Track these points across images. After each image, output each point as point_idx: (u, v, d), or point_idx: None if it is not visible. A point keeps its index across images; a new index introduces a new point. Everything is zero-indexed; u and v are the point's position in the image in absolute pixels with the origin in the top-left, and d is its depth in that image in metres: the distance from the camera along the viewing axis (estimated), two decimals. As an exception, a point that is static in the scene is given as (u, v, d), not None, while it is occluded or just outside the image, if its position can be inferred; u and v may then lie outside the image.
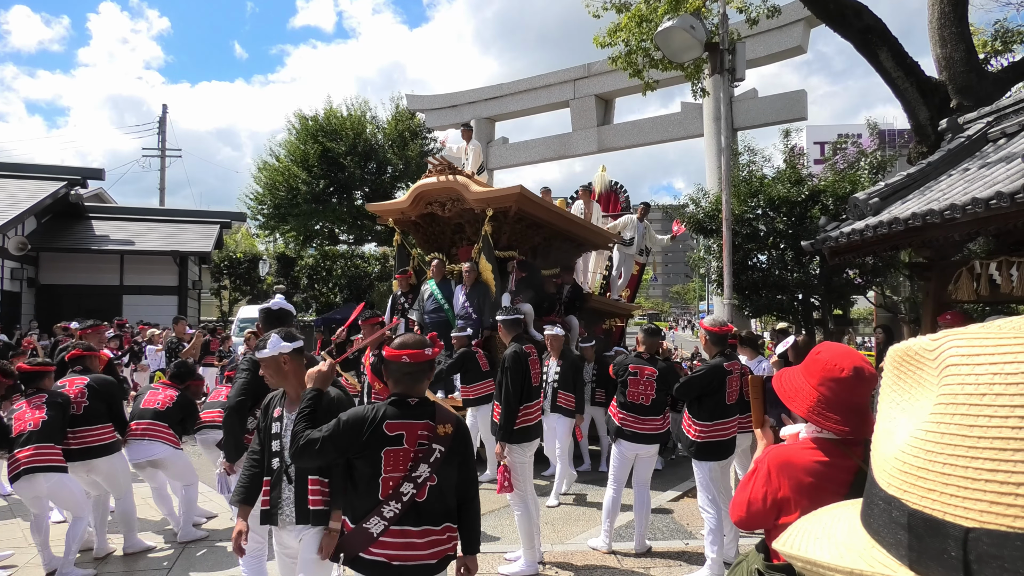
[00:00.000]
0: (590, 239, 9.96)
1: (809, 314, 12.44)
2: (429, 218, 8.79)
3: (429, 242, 9.20)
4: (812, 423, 1.90)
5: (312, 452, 2.45)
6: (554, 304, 8.68)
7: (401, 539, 2.42)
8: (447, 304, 8.20)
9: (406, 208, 8.69)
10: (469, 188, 7.98)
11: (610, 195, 12.77)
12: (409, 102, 27.83)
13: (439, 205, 8.43)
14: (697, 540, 5.57)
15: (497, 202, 7.82)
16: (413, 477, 2.43)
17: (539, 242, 9.02)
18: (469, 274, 7.91)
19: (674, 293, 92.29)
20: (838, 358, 1.89)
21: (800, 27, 20.91)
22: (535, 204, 8.25)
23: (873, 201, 6.69)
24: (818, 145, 26.83)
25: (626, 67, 10.62)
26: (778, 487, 1.87)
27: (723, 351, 4.98)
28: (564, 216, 9.05)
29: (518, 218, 8.14)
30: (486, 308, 7.71)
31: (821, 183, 11.95)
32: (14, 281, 16.73)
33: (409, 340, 2.60)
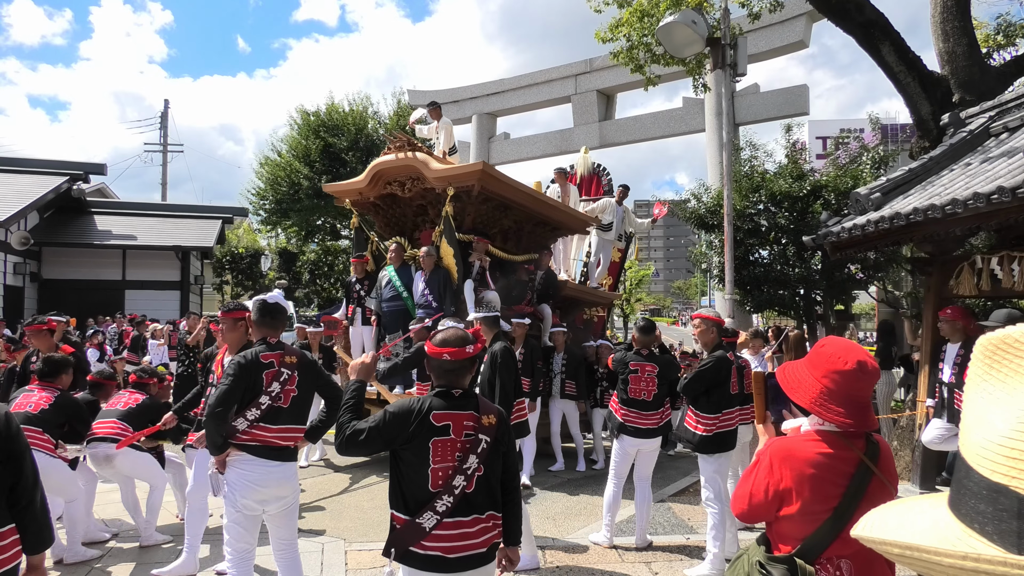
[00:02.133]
0: (566, 223, 9.38)
1: (811, 309, 12.43)
2: (390, 199, 8.27)
3: (390, 225, 8.67)
4: (815, 414, 1.93)
5: (358, 442, 2.49)
6: (524, 292, 8.20)
7: (455, 531, 2.44)
8: (406, 292, 7.68)
9: (364, 188, 8.12)
10: (429, 166, 7.42)
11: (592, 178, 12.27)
12: (411, 97, 27.80)
13: (398, 184, 7.90)
14: (698, 535, 5.59)
15: (458, 180, 7.27)
16: (463, 469, 2.46)
17: (509, 225, 8.50)
18: (427, 259, 7.36)
19: (676, 288, 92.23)
20: (842, 351, 1.93)
21: (802, 21, 20.84)
22: (500, 183, 7.68)
23: (875, 196, 6.68)
24: (820, 140, 26.76)
25: (627, 62, 10.61)
26: (780, 478, 1.89)
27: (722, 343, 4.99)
28: (534, 197, 8.50)
29: (483, 198, 7.59)
30: (447, 296, 7.24)
31: (823, 178, 11.93)
32: (17, 276, 16.76)
33: (451, 337, 2.62)
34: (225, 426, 3.37)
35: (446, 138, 9.57)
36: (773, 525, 1.97)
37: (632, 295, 39.62)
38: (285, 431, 3.51)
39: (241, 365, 3.42)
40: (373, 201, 8.29)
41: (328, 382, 3.89)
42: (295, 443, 3.59)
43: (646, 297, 62.08)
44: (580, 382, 7.92)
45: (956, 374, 5.61)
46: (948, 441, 5.78)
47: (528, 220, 8.63)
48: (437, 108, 9.95)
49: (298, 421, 3.59)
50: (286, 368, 3.53)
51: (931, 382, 6.29)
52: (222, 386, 3.41)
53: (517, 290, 8.10)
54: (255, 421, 3.41)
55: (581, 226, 9.78)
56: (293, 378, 3.55)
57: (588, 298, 10.23)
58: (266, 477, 3.44)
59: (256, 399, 3.43)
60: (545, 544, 5.21)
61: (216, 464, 3.48)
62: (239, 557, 3.46)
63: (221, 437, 3.39)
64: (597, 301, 10.68)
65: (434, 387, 2.61)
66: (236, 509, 3.42)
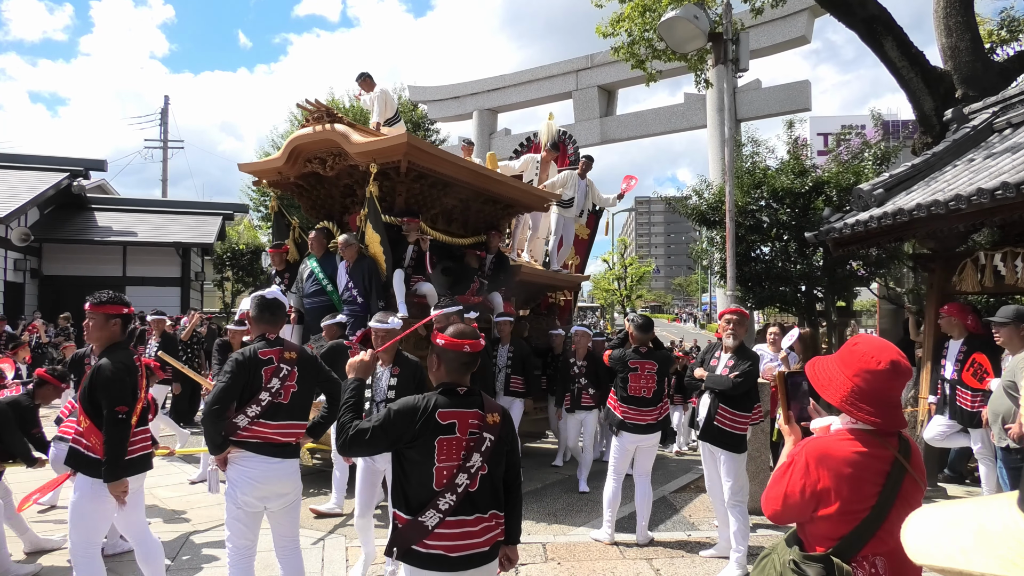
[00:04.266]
0: (520, 199, 8.29)
1: (812, 306, 12.41)
2: (314, 179, 7.34)
3: (317, 208, 7.75)
4: (845, 413, 1.92)
5: (363, 442, 2.44)
6: (470, 280, 7.32)
7: (457, 529, 2.41)
8: (330, 285, 6.77)
9: (283, 167, 7.19)
10: (350, 138, 6.49)
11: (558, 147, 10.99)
12: (412, 94, 27.76)
13: (319, 162, 6.98)
14: (699, 531, 5.58)
15: (381, 155, 6.36)
16: (467, 467, 2.43)
17: (453, 205, 7.59)
18: (348, 248, 6.43)
19: (676, 285, 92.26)
20: (875, 350, 1.92)
21: (804, 17, 20.82)
22: (432, 157, 6.72)
23: (877, 192, 6.65)
24: (822, 136, 26.71)
25: (628, 58, 10.58)
26: (817, 479, 1.87)
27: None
28: (478, 172, 7.44)
29: (416, 175, 6.73)
30: (373, 290, 6.33)
31: (825, 174, 11.89)
32: (17, 272, 16.76)
33: (467, 330, 2.58)
34: (223, 424, 3.35)
35: (380, 109, 8.86)
36: (807, 525, 1.95)
37: (633, 292, 39.62)
38: (286, 427, 3.49)
39: (238, 362, 3.41)
40: (295, 181, 7.41)
41: (329, 378, 3.85)
42: (296, 439, 3.58)
43: (647, 294, 62.08)
44: (529, 377, 7.24)
45: (958, 371, 5.59)
46: (950, 438, 5.77)
47: (475, 198, 7.70)
48: (367, 79, 9.20)
49: (299, 417, 3.57)
50: (286, 364, 3.52)
51: (933, 379, 6.27)
52: (220, 384, 3.39)
53: (462, 278, 7.31)
54: (256, 418, 3.40)
55: (538, 202, 8.68)
56: (293, 374, 3.54)
57: (548, 282, 9.36)
58: (267, 474, 3.42)
59: (256, 396, 3.41)
60: (546, 541, 5.20)
61: (217, 462, 3.47)
62: (240, 554, 3.45)
63: (220, 436, 3.37)
64: (559, 285, 9.80)
65: (439, 384, 2.56)
66: (237, 506, 3.41)
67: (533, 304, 9.40)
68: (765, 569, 1.99)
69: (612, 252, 39.16)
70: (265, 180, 7.53)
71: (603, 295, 44.66)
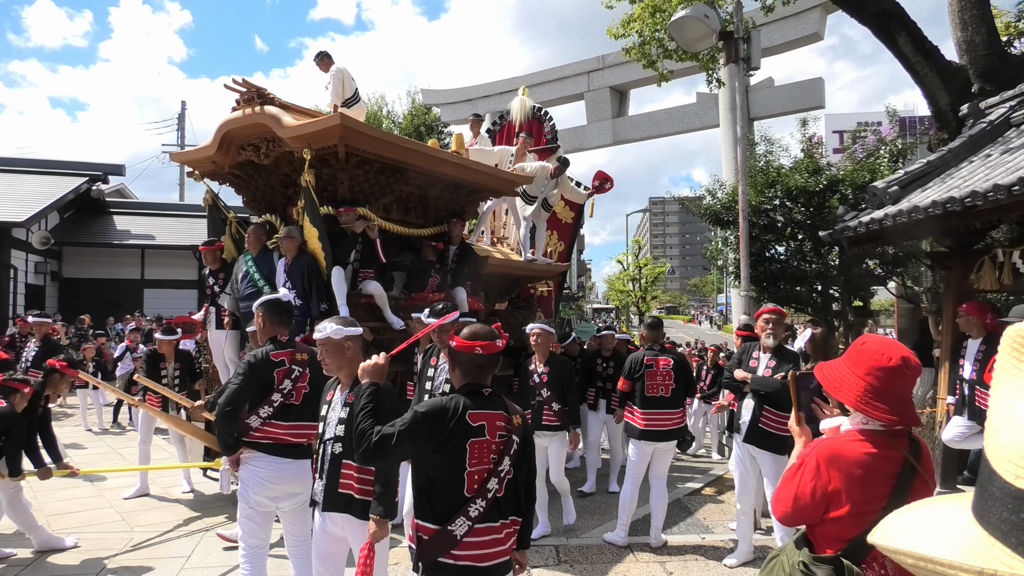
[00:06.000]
0: (486, 184, 7.51)
1: (828, 306, 12.30)
2: (252, 169, 6.65)
3: (257, 201, 7.06)
4: (860, 413, 1.91)
5: (387, 448, 2.29)
6: (427, 276, 6.61)
7: (486, 536, 2.31)
8: (267, 285, 6.03)
9: (215, 155, 6.51)
10: (281, 122, 5.80)
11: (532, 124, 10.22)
12: (424, 96, 27.86)
13: (253, 149, 6.30)
14: (714, 534, 5.55)
15: (316, 139, 5.69)
16: (497, 471, 2.34)
17: (410, 192, 6.89)
18: (287, 242, 5.82)
19: (692, 286, 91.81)
20: (885, 348, 1.92)
21: (816, 13, 20.66)
22: (373, 140, 5.96)
23: (892, 189, 6.58)
24: (837, 134, 26.47)
25: (640, 58, 10.55)
26: (828, 480, 1.86)
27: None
28: (431, 155, 6.66)
29: (359, 161, 6.06)
30: (314, 291, 5.67)
31: (840, 172, 11.79)
32: (38, 275, 17.00)
33: (481, 331, 2.49)
34: (235, 425, 3.39)
35: (336, 89, 8.17)
36: (817, 527, 1.94)
37: (648, 293, 39.48)
38: (297, 428, 3.53)
39: (251, 364, 3.44)
40: (231, 171, 6.77)
41: None
42: (308, 440, 3.61)
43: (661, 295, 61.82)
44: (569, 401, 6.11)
45: (977, 370, 5.51)
46: (969, 439, 5.68)
47: (433, 184, 6.97)
48: (324, 58, 8.46)
49: (310, 418, 3.59)
50: (297, 365, 3.55)
51: (951, 379, 6.19)
52: (232, 385, 3.43)
53: (418, 274, 6.65)
54: (268, 419, 3.44)
55: (508, 187, 7.89)
56: (305, 375, 3.57)
57: (522, 272, 8.59)
58: (279, 474, 3.46)
59: (268, 397, 3.45)
60: (559, 544, 5.19)
61: (229, 463, 3.51)
62: (253, 553, 3.49)
63: (232, 436, 3.41)
64: (536, 275, 8.98)
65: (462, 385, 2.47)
66: (249, 505, 3.45)
67: (508, 297, 8.73)
68: (774, 571, 1.98)
69: (626, 253, 39.05)
70: (199, 171, 6.89)
71: (618, 296, 44.54)
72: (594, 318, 46.97)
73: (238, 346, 6.32)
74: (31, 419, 4.81)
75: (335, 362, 3.03)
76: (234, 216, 7.23)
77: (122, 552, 4.90)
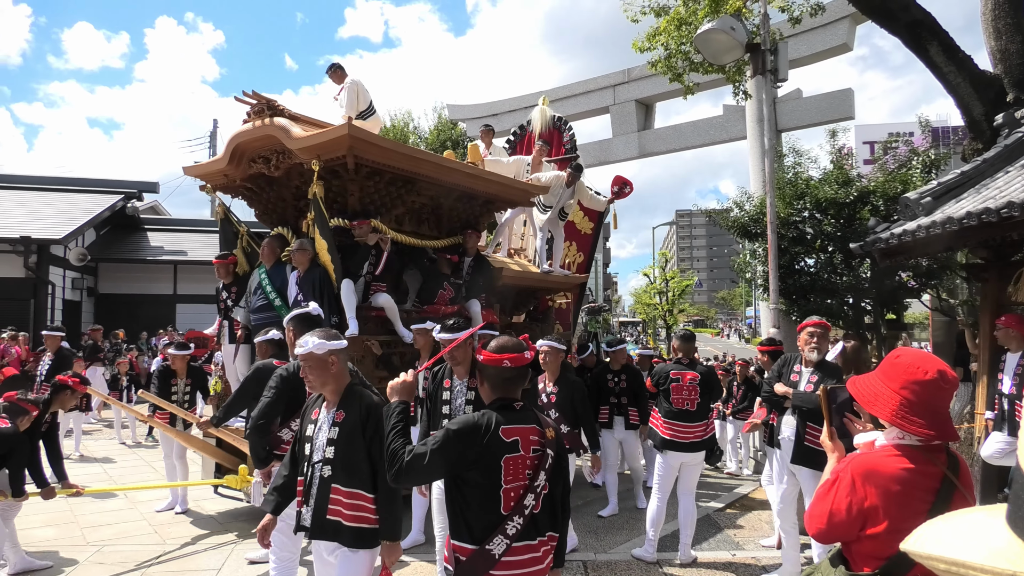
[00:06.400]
0: (500, 194, 7.39)
1: (860, 319, 12.08)
2: (265, 181, 6.64)
3: (270, 214, 7.05)
4: (897, 427, 1.87)
5: (420, 468, 2.23)
6: (438, 288, 6.56)
7: (525, 555, 2.25)
8: (278, 298, 6.03)
9: (227, 168, 6.52)
10: (290, 133, 5.79)
11: (552, 133, 10.19)
12: (450, 112, 28.12)
13: (263, 161, 6.30)
14: (745, 551, 5.46)
15: (325, 150, 5.66)
16: (534, 487, 2.28)
17: (422, 204, 6.80)
18: (300, 255, 5.81)
19: (720, 299, 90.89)
20: (920, 361, 1.88)
21: (845, 24, 20.48)
22: (382, 151, 5.90)
23: (925, 200, 6.47)
24: (868, 145, 26.11)
25: (665, 71, 10.54)
26: (864, 496, 1.82)
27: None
28: (442, 165, 6.57)
29: (369, 172, 6.02)
30: (325, 303, 5.58)
31: (871, 184, 11.61)
32: (75, 291, 17.43)
33: (508, 343, 2.44)
34: (267, 438, 3.43)
35: (351, 101, 8.07)
36: (854, 545, 1.89)
37: (675, 306, 39.15)
38: (326, 441, 3.56)
39: (283, 378, 3.49)
40: (243, 184, 6.75)
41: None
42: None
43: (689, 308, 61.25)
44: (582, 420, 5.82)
45: (1017, 384, 5.38)
46: (1009, 455, 5.53)
47: (446, 195, 6.87)
48: (337, 70, 8.33)
49: None
50: None
51: (990, 393, 6.03)
52: (265, 399, 3.47)
53: (430, 286, 6.57)
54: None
55: (523, 197, 7.74)
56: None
57: (538, 284, 8.45)
58: None
59: (300, 410, 3.48)
60: (587, 559, 5.14)
61: (261, 476, 3.55)
62: (284, 566, 3.52)
63: (264, 449, 3.45)
64: (553, 287, 8.81)
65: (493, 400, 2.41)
66: (281, 518, 3.48)
67: (526, 310, 8.63)
68: None
69: (653, 266, 38.81)
70: (212, 184, 6.90)
71: (644, 310, 44.23)
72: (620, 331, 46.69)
73: (250, 360, 6.26)
74: (34, 436, 4.74)
75: (319, 378, 2.83)
76: (246, 229, 7.22)
77: (152, 564, 4.97)
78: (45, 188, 19.49)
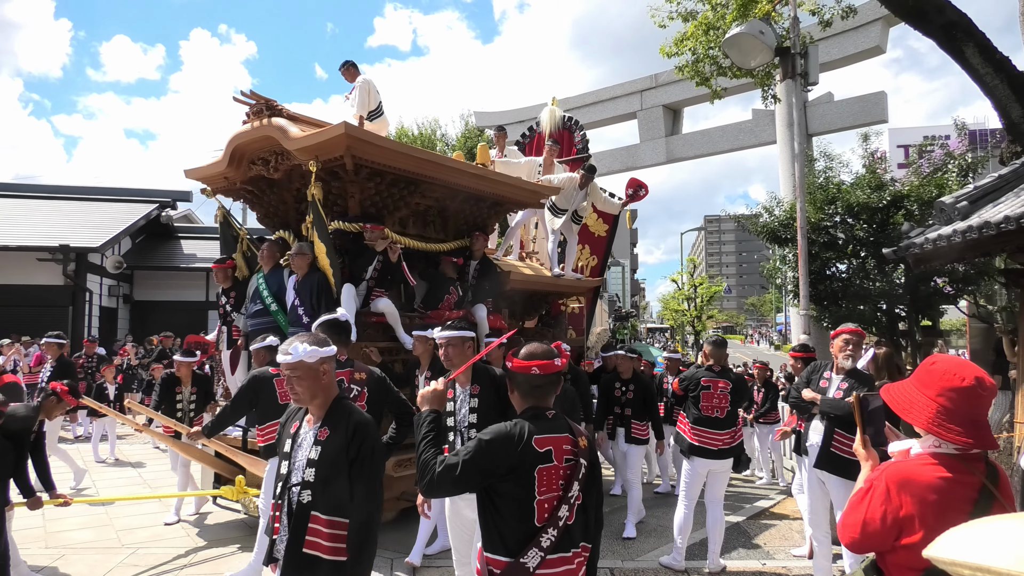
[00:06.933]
0: (509, 196, 7.17)
1: (894, 325, 11.84)
2: (265, 184, 6.49)
3: (271, 217, 6.90)
4: (933, 435, 1.84)
5: (452, 479, 2.17)
6: (444, 292, 6.40)
7: (559, 568, 2.20)
8: (275, 303, 5.92)
9: (227, 171, 6.37)
10: (287, 134, 5.63)
11: (563, 134, 9.98)
12: (477, 119, 28.27)
13: (263, 163, 6.15)
14: (775, 560, 5.37)
15: (322, 150, 5.48)
16: (567, 498, 2.22)
17: (427, 206, 6.62)
18: (298, 259, 5.66)
19: (749, 305, 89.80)
20: (957, 367, 1.85)
21: (878, 26, 20.16)
22: (384, 151, 5.70)
23: (961, 204, 6.33)
24: (901, 148, 25.63)
25: (693, 76, 10.48)
26: (899, 505, 1.78)
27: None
28: (446, 166, 6.36)
29: (370, 173, 5.82)
30: (323, 308, 5.36)
31: (904, 188, 11.40)
32: (111, 298, 17.85)
33: (538, 350, 2.37)
34: None
35: (362, 100, 7.92)
36: (888, 555, 1.85)
37: (703, 312, 38.80)
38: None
39: None
40: (243, 187, 6.62)
41: (398, 398, 3.92)
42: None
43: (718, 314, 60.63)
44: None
45: (1058, 393, 5.22)
46: (1051, 466, 5.37)
47: (451, 196, 6.67)
48: (350, 67, 8.22)
49: None
50: (356, 384, 3.63)
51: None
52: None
53: (435, 291, 6.42)
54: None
55: (533, 198, 7.51)
56: (363, 394, 3.65)
57: (549, 288, 8.21)
58: None
59: None
60: (614, 566, 5.11)
61: None
62: None
63: None
64: (565, 291, 8.58)
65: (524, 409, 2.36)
66: None
67: (537, 314, 8.43)
68: None
69: (681, 272, 38.51)
70: (213, 187, 6.79)
71: (672, 316, 43.90)
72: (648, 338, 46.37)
73: (248, 366, 6.11)
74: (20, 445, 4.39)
75: (308, 391, 2.47)
76: (246, 233, 7.06)
77: (184, 568, 5.05)
78: (83, 198, 20.05)
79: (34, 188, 21.29)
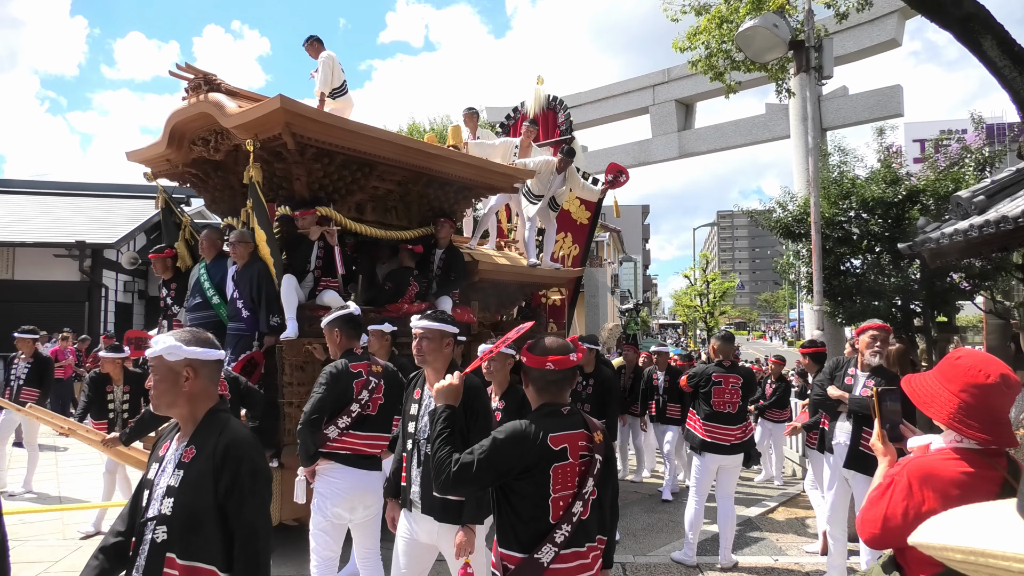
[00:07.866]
0: (478, 179, 6.62)
1: (909, 321, 11.74)
2: (210, 167, 5.96)
3: (218, 203, 6.41)
4: (953, 431, 1.83)
5: (469, 477, 2.17)
6: (403, 284, 5.88)
7: (573, 563, 2.20)
8: (216, 295, 5.50)
9: (167, 152, 5.87)
10: (224, 110, 5.16)
11: (547, 115, 9.49)
12: (489, 115, 28.23)
13: (203, 143, 5.65)
14: (787, 556, 5.37)
15: (259, 127, 4.97)
16: (582, 494, 2.22)
17: (387, 190, 6.06)
18: (239, 247, 5.20)
19: (762, 301, 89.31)
20: (982, 363, 1.83)
21: (894, 19, 19.95)
22: (330, 128, 5.18)
23: (978, 199, 6.28)
24: (917, 143, 25.40)
25: (706, 70, 10.41)
26: (921, 501, 1.76)
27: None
28: (405, 147, 5.80)
29: (316, 153, 5.27)
30: (263, 301, 5.04)
31: (920, 182, 11.28)
32: (126, 293, 18.04)
33: (553, 344, 2.34)
34: (319, 434, 3.48)
35: (325, 76, 7.46)
36: (908, 551, 1.81)
37: (716, 308, 38.65)
38: (372, 439, 3.62)
39: (332, 375, 3.55)
40: (187, 170, 6.14)
41: None
42: (381, 451, 3.70)
43: (730, 310, 60.35)
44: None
45: (1076, 390, 5.17)
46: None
47: (414, 180, 6.12)
48: (314, 42, 7.75)
49: (384, 429, 3.70)
50: (373, 377, 3.66)
51: (1047, 398, 5.82)
52: (316, 394, 3.52)
53: (392, 282, 5.92)
54: (346, 428, 3.54)
55: (505, 182, 6.96)
56: (380, 387, 3.67)
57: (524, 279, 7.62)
58: (355, 485, 3.55)
59: (347, 407, 3.55)
60: (626, 561, 5.12)
61: (306, 474, 3.58)
62: (325, 565, 3.58)
63: (315, 446, 3.49)
64: (542, 282, 7.98)
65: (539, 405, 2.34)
66: (325, 518, 3.53)
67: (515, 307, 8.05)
68: None
69: (694, 267, 38.38)
70: (155, 170, 6.31)
71: (685, 312, 43.76)
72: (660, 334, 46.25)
73: None
74: None
75: (163, 396, 1.95)
76: (189, 220, 6.62)
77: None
78: (98, 194, 20.24)
79: (50, 185, 21.53)
